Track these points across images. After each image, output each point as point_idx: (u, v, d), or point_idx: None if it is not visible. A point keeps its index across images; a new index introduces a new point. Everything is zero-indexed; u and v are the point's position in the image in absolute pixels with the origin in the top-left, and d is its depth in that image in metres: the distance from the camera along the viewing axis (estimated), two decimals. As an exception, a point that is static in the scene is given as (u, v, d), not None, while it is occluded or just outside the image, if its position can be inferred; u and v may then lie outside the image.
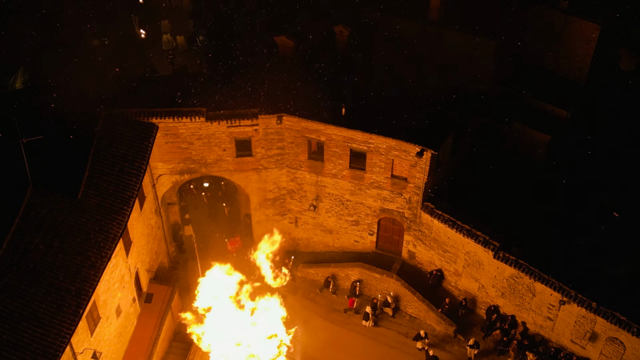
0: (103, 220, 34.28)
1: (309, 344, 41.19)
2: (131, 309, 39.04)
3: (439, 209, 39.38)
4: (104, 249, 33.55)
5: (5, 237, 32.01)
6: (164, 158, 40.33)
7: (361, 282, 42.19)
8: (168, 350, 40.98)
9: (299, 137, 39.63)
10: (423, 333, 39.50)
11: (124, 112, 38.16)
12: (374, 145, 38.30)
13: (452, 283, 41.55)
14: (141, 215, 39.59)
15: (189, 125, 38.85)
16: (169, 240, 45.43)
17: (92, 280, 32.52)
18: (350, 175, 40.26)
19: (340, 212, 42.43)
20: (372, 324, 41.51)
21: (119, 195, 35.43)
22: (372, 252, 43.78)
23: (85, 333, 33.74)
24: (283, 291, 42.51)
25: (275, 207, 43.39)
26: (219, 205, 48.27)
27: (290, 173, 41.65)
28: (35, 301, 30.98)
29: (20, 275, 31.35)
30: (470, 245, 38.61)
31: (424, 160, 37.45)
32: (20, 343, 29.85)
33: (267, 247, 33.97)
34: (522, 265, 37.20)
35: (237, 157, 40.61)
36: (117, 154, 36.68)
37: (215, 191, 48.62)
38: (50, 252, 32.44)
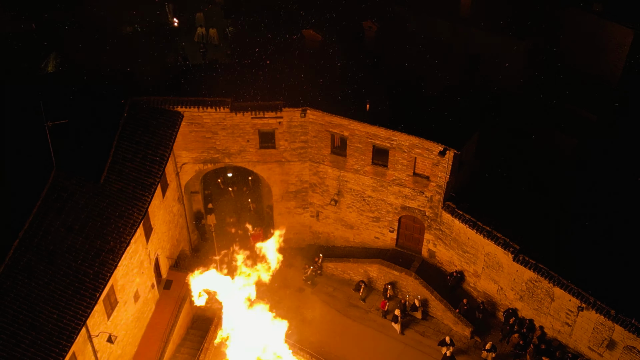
0: (124, 206, 34.62)
1: (323, 338, 41.22)
2: (149, 295, 39.42)
3: (460, 209, 39.14)
4: (124, 234, 33.89)
5: (27, 218, 32.37)
6: (188, 147, 40.62)
7: (394, 284, 41.72)
8: (185, 337, 41.30)
9: (323, 131, 39.64)
10: (448, 339, 39.18)
11: (150, 100, 38.44)
12: (396, 142, 38.18)
13: (471, 284, 41.32)
14: (163, 202, 39.93)
15: (214, 115, 39.06)
16: (191, 229, 45.73)
17: (110, 264, 32.88)
18: (373, 171, 40.19)
19: (361, 208, 42.39)
20: (399, 328, 41.04)
21: (140, 181, 35.76)
22: (392, 250, 43.67)
23: (102, 316, 34.15)
24: (301, 284, 42.87)
25: (297, 200, 43.49)
26: (244, 197, 48.35)
27: (313, 167, 41.70)
28: (53, 283, 31.39)
29: (40, 257, 31.79)
30: (490, 246, 38.35)
31: (446, 160, 37.23)
32: (36, 323, 30.29)
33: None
34: (542, 269, 36.86)
35: (261, 149, 40.75)
36: (141, 141, 37.00)
37: (241, 185, 48.70)
38: (70, 235, 32.84)
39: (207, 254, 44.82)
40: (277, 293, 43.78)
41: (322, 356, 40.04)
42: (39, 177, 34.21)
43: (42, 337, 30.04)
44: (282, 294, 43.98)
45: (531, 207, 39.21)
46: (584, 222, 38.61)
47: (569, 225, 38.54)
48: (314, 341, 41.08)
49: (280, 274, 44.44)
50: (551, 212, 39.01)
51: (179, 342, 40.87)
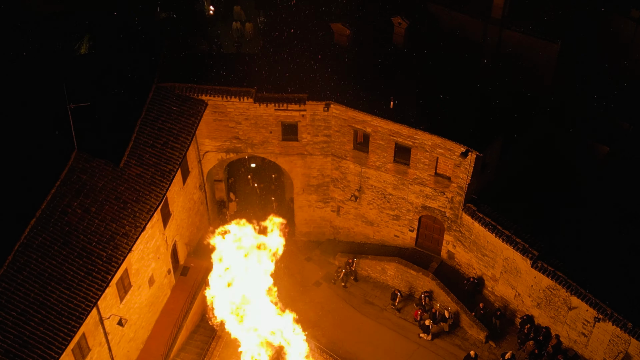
0: (142, 191, 34.85)
1: (336, 334, 41.11)
2: (165, 280, 39.66)
3: (480, 212, 38.67)
4: (139, 219, 34.12)
5: (45, 198, 32.73)
6: (212, 135, 40.73)
7: (430, 293, 41.29)
8: (199, 324, 41.47)
9: (345, 126, 39.44)
10: (473, 354, 38.71)
11: (175, 87, 38.58)
12: (419, 141, 37.83)
13: (489, 288, 40.85)
14: (183, 189, 40.10)
15: (238, 105, 39.09)
16: (213, 217, 45.85)
17: (124, 248, 33.13)
18: (394, 169, 39.89)
19: (382, 205, 42.13)
20: (429, 338, 40.61)
21: (160, 167, 35.97)
22: (411, 249, 43.35)
23: (114, 299, 34.45)
24: (318, 278, 42.78)
25: (319, 193, 43.37)
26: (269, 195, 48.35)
27: (335, 161, 41.53)
28: (66, 263, 31.75)
29: (55, 237, 32.15)
30: (508, 251, 37.84)
31: (468, 161, 36.73)
32: (47, 303, 30.65)
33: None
34: (560, 277, 36.29)
35: (283, 141, 40.71)
36: (163, 127, 37.20)
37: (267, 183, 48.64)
38: (86, 216, 33.17)
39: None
40: (294, 287, 43.77)
41: (334, 352, 39.83)
42: (60, 158, 34.51)
43: (51, 316, 30.37)
44: (298, 288, 43.93)
45: (555, 213, 38.50)
46: (608, 232, 37.75)
47: (592, 234, 37.71)
48: (326, 336, 40.92)
49: (297, 267, 44.59)
50: (575, 220, 38.23)
51: (193, 329, 41.11)
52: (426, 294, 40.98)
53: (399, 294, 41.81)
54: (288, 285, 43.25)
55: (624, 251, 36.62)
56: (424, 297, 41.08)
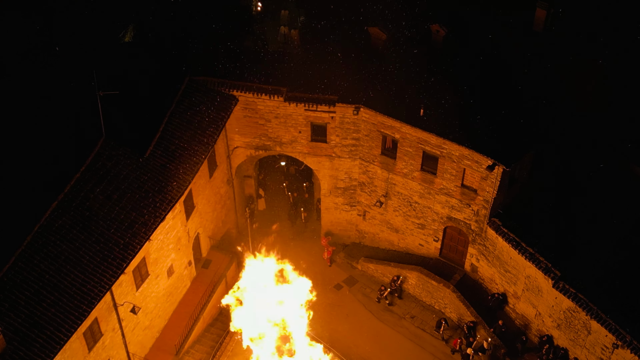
0: (164, 182, 35.17)
1: (351, 339, 40.95)
2: (185, 272, 39.98)
3: (505, 227, 38.06)
4: (160, 209, 34.46)
5: (69, 182, 33.26)
6: (242, 131, 40.91)
7: (475, 324, 39.68)
8: (217, 317, 41.64)
9: (374, 131, 39.22)
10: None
11: (207, 81, 38.83)
12: (447, 150, 37.39)
13: (510, 305, 40.21)
14: (210, 182, 40.36)
15: (268, 102, 39.19)
16: (240, 212, 46.02)
17: (141, 237, 33.49)
18: (421, 177, 39.52)
19: (407, 213, 41.78)
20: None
21: (185, 160, 36.24)
22: (435, 259, 42.91)
23: (130, 286, 34.85)
24: (339, 281, 42.65)
25: (345, 196, 43.23)
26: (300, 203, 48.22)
27: (363, 165, 41.34)
28: (84, 247, 32.23)
29: (75, 221, 32.67)
30: (531, 269, 37.17)
31: (495, 175, 36.14)
32: (61, 285, 31.15)
33: None
34: (581, 300, 35.49)
35: (312, 142, 40.68)
36: (192, 120, 37.49)
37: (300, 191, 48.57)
38: (107, 203, 33.63)
39: (254, 236, 44.92)
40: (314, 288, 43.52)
41: (347, 356, 39.66)
42: (88, 144, 35.01)
43: (64, 298, 30.85)
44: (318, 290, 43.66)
45: (583, 234, 37.56)
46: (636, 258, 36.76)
47: (620, 259, 36.73)
48: (341, 340, 40.80)
49: (320, 268, 44.51)
50: (603, 243, 37.27)
51: (210, 322, 41.30)
52: (471, 324, 40.04)
53: (444, 322, 40.85)
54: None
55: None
56: (466, 327, 40.23)
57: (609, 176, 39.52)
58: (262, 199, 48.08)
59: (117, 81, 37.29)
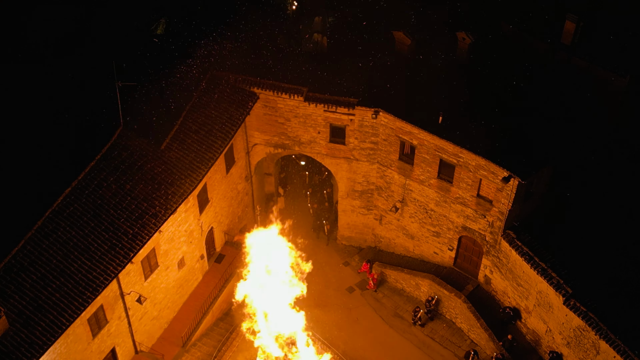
0: (178, 175, 35.43)
1: (359, 343, 40.84)
2: (197, 265, 40.23)
3: (519, 240, 37.58)
4: (171, 201, 34.72)
5: (84, 169, 33.70)
6: (261, 129, 41.04)
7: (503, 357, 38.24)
8: (227, 312, 41.76)
9: (393, 135, 39.03)
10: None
11: (229, 76, 39.00)
12: (463, 160, 37.04)
13: (522, 319, 39.65)
14: (226, 178, 40.55)
15: (288, 101, 39.25)
16: (259, 209, 46.11)
17: (151, 228, 33.79)
18: (437, 185, 39.21)
19: (423, 220, 41.49)
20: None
21: (200, 154, 36.48)
22: (449, 268, 42.55)
23: (138, 276, 35.19)
24: (352, 284, 42.54)
25: (362, 200, 43.09)
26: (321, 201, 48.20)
27: (381, 170, 41.17)
28: (92, 235, 32.63)
29: (86, 208, 33.11)
30: (542, 284, 36.65)
31: (510, 187, 35.68)
32: (67, 270, 31.59)
33: None
34: (591, 319, 34.86)
35: (330, 143, 40.61)
36: (211, 115, 37.72)
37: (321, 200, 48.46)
38: (120, 192, 33.99)
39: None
40: (327, 290, 43.69)
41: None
42: (106, 133, 35.42)
43: (69, 284, 31.28)
44: (330, 292, 43.82)
45: (600, 252, 36.88)
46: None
47: (636, 279, 36.00)
48: (348, 343, 40.71)
49: (334, 270, 44.48)
50: (620, 262, 36.58)
51: (220, 316, 41.44)
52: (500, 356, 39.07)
53: (472, 354, 39.83)
54: (321, 287, 43.24)
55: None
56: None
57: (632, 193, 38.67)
58: (282, 197, 48.11)
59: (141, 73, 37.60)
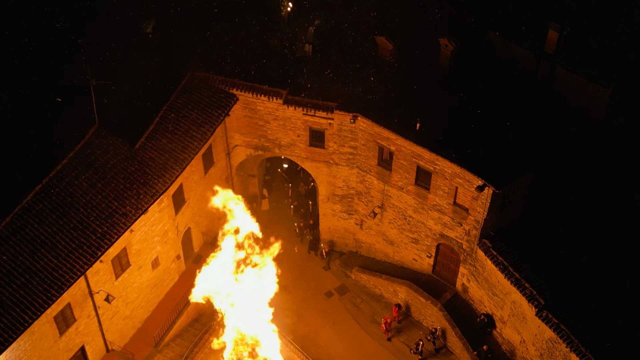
0: (150, 175, 35.42)
1: (334, 348, 40.68)
2: (173, 265, 40.18)
3: (495, 249, 37.29)
4: (142, 201, 34.70)
5: (55, 167, 33.70)
6: (241, 130, 40.96)
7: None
8: (203, 313, 41.64)
9: (371, 141, 38.83)
10: None
11: (209, 77, 38.93)
12: (440, 167, 36.79)
13: (498, 329, 39.33)
14: (205, 179, 40.47)
15: (267, 104, 39.16)
16: (242, 210, 45.85)
17: (120, 227, 33.77)
18: (415, 191, 38.98)
19: (402, 226, 41.27)
20: None
21: (175, 154, 36.44)
22: (428, 275, 42.30)
23: (108, 275, 35.19)
24: (330, 288, 42.35)
25: (343, 204, 42.91)
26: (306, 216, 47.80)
27: (360, 175, 40.98)
28: (60, 233, 32.65)
29: (55, 206, 33.14)
30: (516, 295, 36.34)
31: (485, 196, 35.40)
32: (33, 268, 31.62)
33: None
34: (563, 331, 34.51)
35: (310, 146, 40.44)
36: (188, 116, 37.67)
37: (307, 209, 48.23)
38: (91, 191, 34.02)
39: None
40: (303, 294, 43.55)
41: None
42: (80, 132, 35.43)
43: (34, 281, 31.30)
44: (309, 295, 43.67)
45: (575, 263, 36.53)
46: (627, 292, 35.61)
47: (610, 291, 35.61)
48: (322, 347, 40.54)
49: (314, 274, 44.31)
50: (595, 273, 36.19)
51: (195, 317, 41.34)
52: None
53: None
54: (300, 290, 43.12)
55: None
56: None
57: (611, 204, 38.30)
58: (267, 199, 47.99)
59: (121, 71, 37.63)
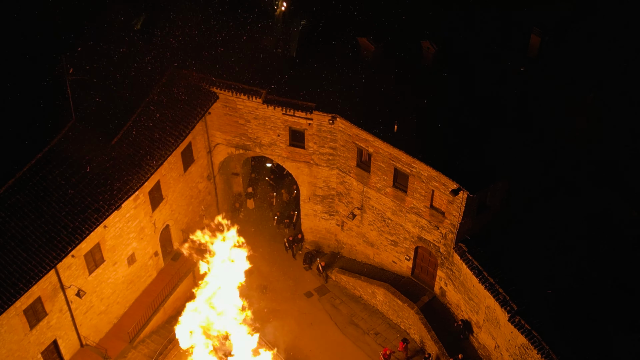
0: (125, 170, 35.47)
1: (309, 348, 40.64)
2: (151, 262, 40.26)
3: (470, 254, 37.10)
4: (116, 197, 34.73)
5: (30, 161, 33.82)
6: (222, 128, 40.99)
7: None
8: (180, 310, 41.58)
9: (350, 142, 38.77)
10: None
11: (189, 75, 38.95)
12: (416, 170, 36.69)
13: (474, 334, 39.18)
14: (184, 176, 40.52)
15: (247, 103, 39.18)
16: (225, 208, 46.03)
17: (92, 222, 33.84)
18: (393, 194, 38.89)
19: (381, 228, 41.19)
20: None
21: (151, 151, 36.47)
22: (407, 278, 42.20)
23: (81, 270, 35.29)
24: (310, 289, 42.31)
25: (324, 205, 42.86)
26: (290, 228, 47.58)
27: (340, 176, 40.92)
28: (31, 227, 32.75)
29: (28, 199, 33.26)
30: (490, 300, 36.19)
31: (460, 200, 35.26)
32: (2, 261, 31.73)
33: None
34: (534, 338, 34.32)
35: (290, 146, 40.40)
36: (166, 113, 37.71)
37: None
38: (64, 186, 34.12)
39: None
40: (282, 294, 43.56)
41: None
42: (57, 126, 35.53)
43: (2, 275, 31.45)
44: (288, 295, 43.66)
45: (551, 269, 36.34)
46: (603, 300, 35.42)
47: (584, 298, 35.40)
48: (298, 347, 40.52)
49: (295, 273, 44.31)
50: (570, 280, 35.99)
51: (173, 314, 41.36)
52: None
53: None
54: (280, 290, 43.14)
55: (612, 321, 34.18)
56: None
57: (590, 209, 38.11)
58: (252, 198, 48.00)
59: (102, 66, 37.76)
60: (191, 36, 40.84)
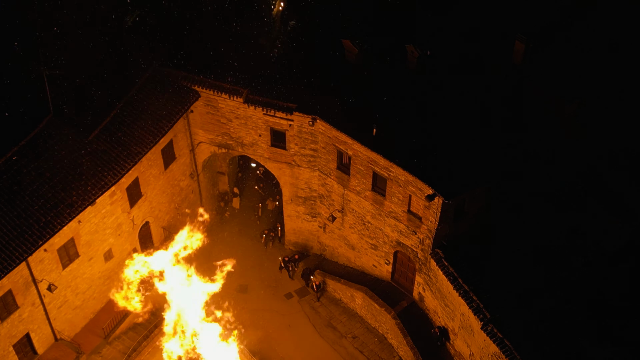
0: (101, 166, 35.45)
1: (285, 351, 40.48)
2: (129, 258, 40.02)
3: (446, 260, 36.81)
4: (90, 192, 34.74)
5: (5, 155, 33.90)
6: (205, 127, 40.94)
7: None
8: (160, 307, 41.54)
9: (330, 144, 38.60)
10: None
11: (171, 73, 38.93)
12: (394, 174, 36.47)
13: (451, 341, 38.88)
14: (165, 174, 40.48)
15: (228, 102, 39.12)
16: (209, 206, 45.98)
17: (64, 217, 33.84)
18: (372, 197, 38.69)
19: (362, 232, 40.98)
20: None
21: (128, 148, 36.44)
22: (387, 282, 41.98)
23: (54, 264, 35.32)
24: (291, 290, 42.18)
25: (306, 206, 42.70)
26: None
27: (321, 178, 40.76)
28: (3, 220, 32.78)
29: (1, 192, 33.29)
30: (464, 307, 35.89)
31: (436, 205, 34.99)
32: (-29, 253, 31.73)
33: None
34: (506, 347, 33.96)
35: (272, 147, 40.29)
36: (146, 110, 37.71)
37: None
38: (38, 180, 34.17)
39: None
40: (261, 294, 43.45)
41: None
42: (34, 120, 35.60)
43: (-30, 268, 31.41)
44: (268, 296, 43.55)
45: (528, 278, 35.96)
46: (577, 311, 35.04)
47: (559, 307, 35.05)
48: (273, 348, 40.38)
49: (276, 275, 44.18)
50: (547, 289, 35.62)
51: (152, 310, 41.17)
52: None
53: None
54: (260, 290, 43.04)
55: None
56: None
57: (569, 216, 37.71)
58: (237, 197, 47.94)
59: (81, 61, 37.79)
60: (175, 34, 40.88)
